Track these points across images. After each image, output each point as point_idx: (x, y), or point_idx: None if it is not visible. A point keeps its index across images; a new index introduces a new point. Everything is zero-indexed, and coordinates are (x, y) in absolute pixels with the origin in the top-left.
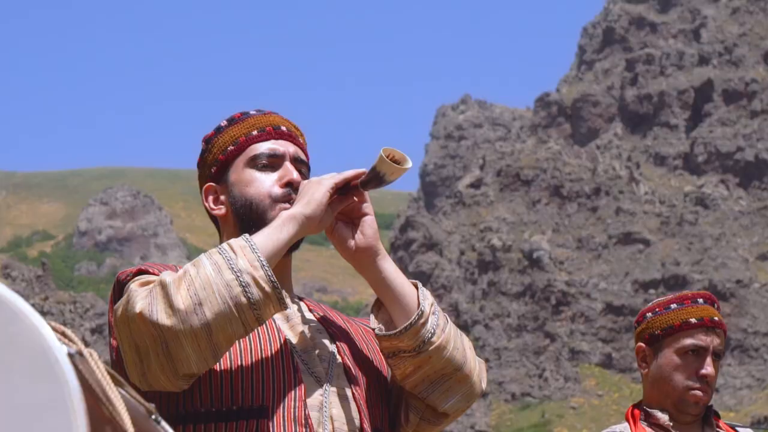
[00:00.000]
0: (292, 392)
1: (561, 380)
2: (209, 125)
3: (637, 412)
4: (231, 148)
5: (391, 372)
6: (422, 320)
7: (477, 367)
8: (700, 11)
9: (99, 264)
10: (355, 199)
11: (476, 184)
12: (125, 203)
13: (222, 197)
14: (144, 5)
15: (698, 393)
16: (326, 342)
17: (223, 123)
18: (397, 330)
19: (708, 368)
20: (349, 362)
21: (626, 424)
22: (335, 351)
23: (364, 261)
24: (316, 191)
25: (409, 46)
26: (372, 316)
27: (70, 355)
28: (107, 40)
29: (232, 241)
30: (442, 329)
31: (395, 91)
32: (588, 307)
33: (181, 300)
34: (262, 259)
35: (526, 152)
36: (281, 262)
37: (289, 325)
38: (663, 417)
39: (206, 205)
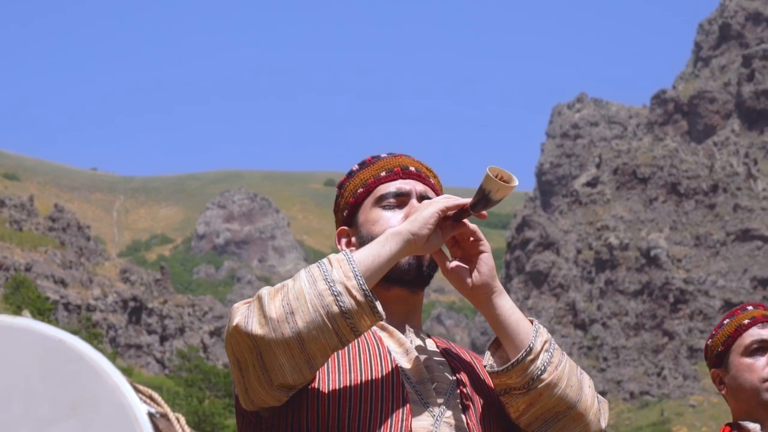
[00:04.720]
0: (399, 422)
1: (680, 378)
2: (326, 127)
3: (728, 428)
4: (360, 190)
5: (506, 410)
6: (530, 357)
7: (594, 406)
8: None
9: (217, 267)
10: (468, 225)
11: (592, 183)
12: (243, 206)
13: (353, 239)
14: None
15: None
16: (447, 374)
17: (355, 167)
18: (504, 366)
19: None
20: (469, 394)
21: None
22: (455, 383)
23: (480, 298)
24: (424, 210)
25: (525, 45)
26: (488, 353)
27: (151, 415)
28: (226, 43)
29: (333, 255)
30: (555, 366)
31: (511, 90)
32: (706, 304)
33: (274, 309)
34: (356, 269)
35: (642, 150)
36: (409, 297)
37: (407, 358)
38: (754, 427)
39: (339, 248)
